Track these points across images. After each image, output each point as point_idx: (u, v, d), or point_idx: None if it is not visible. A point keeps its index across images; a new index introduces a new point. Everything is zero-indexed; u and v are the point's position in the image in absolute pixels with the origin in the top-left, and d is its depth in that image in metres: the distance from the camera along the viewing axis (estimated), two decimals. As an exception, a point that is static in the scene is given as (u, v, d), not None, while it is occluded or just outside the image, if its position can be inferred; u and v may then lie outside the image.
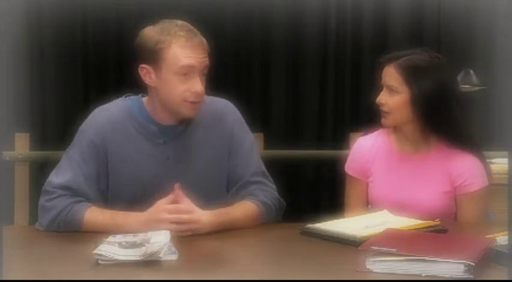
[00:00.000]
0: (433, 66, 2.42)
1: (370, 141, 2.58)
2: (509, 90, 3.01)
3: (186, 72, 2.24)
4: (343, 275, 1.80)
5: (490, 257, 1.86)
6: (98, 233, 2.06)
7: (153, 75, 2.27)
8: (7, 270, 1.68)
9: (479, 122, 3.89)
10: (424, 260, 1.76)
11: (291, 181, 4.19)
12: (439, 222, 2.23)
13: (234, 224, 2.24)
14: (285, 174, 4.03)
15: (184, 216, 2.14)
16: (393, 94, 2.42)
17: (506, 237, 1.90)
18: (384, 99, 2.44)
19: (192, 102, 2.27)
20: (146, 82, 2.29)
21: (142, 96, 2.39)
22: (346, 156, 2.64)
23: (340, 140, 4.03)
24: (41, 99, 4.18)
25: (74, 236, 2.18)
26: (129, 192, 2.31)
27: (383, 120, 2.48)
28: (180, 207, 2.16)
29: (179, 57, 2.23)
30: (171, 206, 2.15)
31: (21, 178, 3.99)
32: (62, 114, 4.16)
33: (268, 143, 4.10)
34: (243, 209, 2.31)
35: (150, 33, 2.26)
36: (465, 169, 2.45)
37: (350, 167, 2.60)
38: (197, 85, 2.25)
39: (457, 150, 2.46)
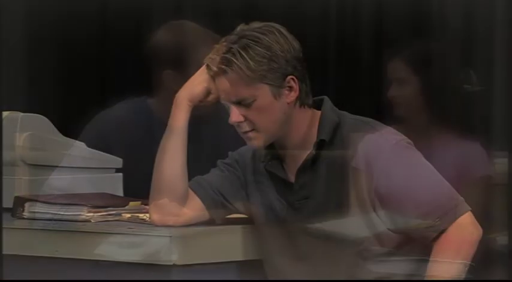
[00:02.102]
0: (438, 54, 2.47)
1: None
2: (509, 90, 3.01)
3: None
4: (343, 275, 1.80)
5: (490, 257, 1.85)
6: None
7: (178, 79, 2.27)
8: (7, 270, 1.67)
9: (479, 122, 3.88)
10: (424, 260, 1.76)
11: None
12: (439, 222, 2.23)
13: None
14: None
15: None
16: (404, 85, 2.46)
17: (506, 237, 1.90)
18: (397, 91, 2.47)
19: None
20: (172, 87, 2.28)
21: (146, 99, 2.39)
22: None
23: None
24: (41, 100, 4.17)
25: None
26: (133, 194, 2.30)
27: (397, 112, 2.49)
28: None
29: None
30: None
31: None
32: (63, 114, 4.15)
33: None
34: None
35: (171, 39, 2.25)
36: (469, 155, 2.47)
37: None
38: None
39: (462, 139, 2.48)
